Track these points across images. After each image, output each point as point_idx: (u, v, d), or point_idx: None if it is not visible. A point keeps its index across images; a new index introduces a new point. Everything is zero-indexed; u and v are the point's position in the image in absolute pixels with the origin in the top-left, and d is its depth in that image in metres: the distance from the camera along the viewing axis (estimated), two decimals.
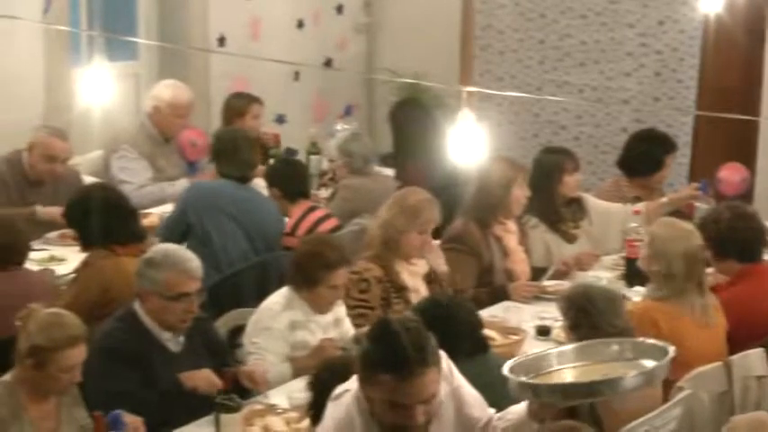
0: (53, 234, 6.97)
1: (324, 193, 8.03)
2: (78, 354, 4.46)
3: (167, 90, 8.10)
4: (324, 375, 4.38)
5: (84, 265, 5.94)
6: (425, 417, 3.69)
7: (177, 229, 6.79)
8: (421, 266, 6.09)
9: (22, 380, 4.49)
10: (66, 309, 4.83)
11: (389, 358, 3.66)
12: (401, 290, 5.93)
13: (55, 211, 6.86)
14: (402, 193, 6.20)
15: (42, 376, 4.44)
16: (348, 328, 5.72)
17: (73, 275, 6.05)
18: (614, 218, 7.15)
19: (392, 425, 3.69)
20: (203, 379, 4.97)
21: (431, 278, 6.12)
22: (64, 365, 4.44)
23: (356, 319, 5.81)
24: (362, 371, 3.72)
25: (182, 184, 7.59)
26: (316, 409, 4.25)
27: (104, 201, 6.01)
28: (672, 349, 3.95)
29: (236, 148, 7.03)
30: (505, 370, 3.91)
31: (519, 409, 3.98)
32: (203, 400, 4.89)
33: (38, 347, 4.42)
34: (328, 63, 10.41)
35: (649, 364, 3.92)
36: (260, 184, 7.28)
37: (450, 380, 3.98)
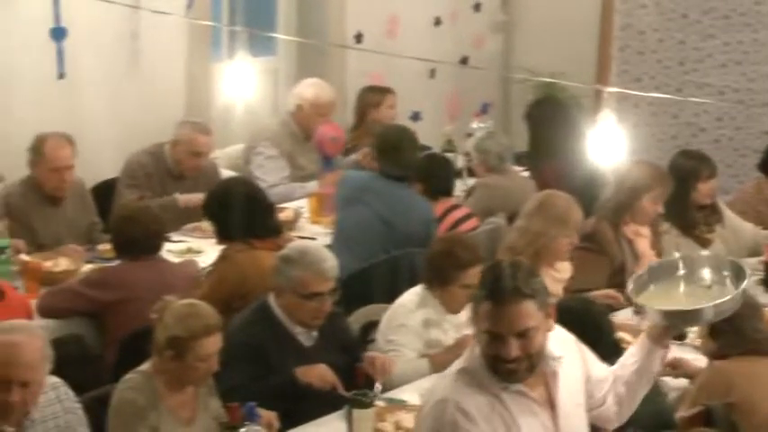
0: (189, 226, 7.09)
1: (459, 190, 8.04)
2: (214, 342, 4.54)
3: (310, 89, 8.18)
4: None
5: (222, 258, 6.04)
6: (522, 352, 3.73)
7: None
8: (564, 271, 6.05)
9: (160, 370, 4.59)
10: (202, 300, 4.95)
11: (488, 286, 3.76)
12: None
13: (195, 198, 6.99)
14: (544, 200, 6.12)
15: (181, 367, 4.52)
16: None
17: (210, 268, 6.15)
18: (745, 234, 7.05)
19: (493, 357, 3.75)
20: (317, 375, 5.02)
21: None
22: (201, 354, 4.51)
23: None
24: (472, 306, 3.81)
25: (312, 186, 7.64)
26: None
27: (244, 195, 6.10)
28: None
29: (399, 148, 6.98)
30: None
31: (636, 349, 4.07)
32: (334, 395, 4.93)
33: (176, 338, 4.51)
34: (464, 61, 10.38)
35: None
36: None
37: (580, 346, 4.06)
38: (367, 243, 6.77)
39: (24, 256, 6.28)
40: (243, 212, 5.99)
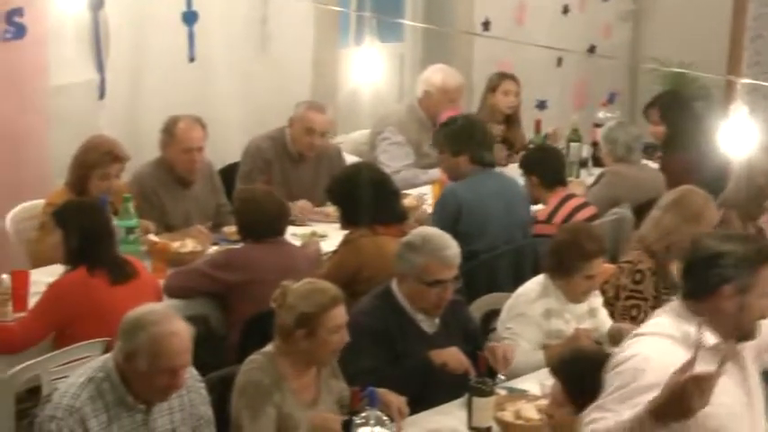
0: (300, 202, 7.10)
1: (585, 179, 7.97)
2: (341, 313, 4.59)
3: (438, 75, 8.17)
4: (570, 363, 4.30)
5: (345, 242, 6.07)
6: None
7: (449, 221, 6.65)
8: None
9: (285, 353, 4.61)
10: (324, 277, 5.01)
11: None
12: (671, 287, 5.84)
13: (307, 208, 7.03)
14: (681, 196, 5.99)
15: (314, 344, 4.55)
16: (603, 319, 5.66)
17: (331, 253, 6.18)
18: None
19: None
20: (452, 356, 5.00)
21: None
22: (332, 326, 4.55)
23: (628, 310, 5.80)
24: None
25: (435, 173, 7.61)
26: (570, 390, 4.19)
27: (370, 181, 6.12)
28: None
29: (484, 132, 6.96)
30: None
31: None
32: (457, 382, 4.92)
33: (305, 315, 4.54)
34: (592, 50, 10.29)
35: None
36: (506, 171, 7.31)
37: None
38: (483, 233, 6.73)
39: (153, 237, 6.38)
40: (368, 198, 6.01)
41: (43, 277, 5.74)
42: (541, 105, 9.94)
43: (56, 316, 5.38)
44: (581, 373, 4.12)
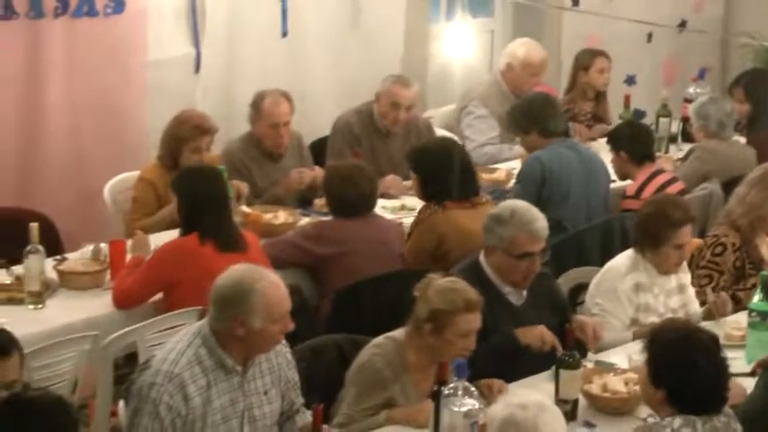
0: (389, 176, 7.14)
1: (674, 154, 7.90)
2: (475, 319, 4.57)
3: (521, 48, 8.13)
4: (661, 338, 4.25)
5: (417, 222, 6.14)
6: None
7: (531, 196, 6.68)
8: None
9: (414, 344, 4.61)
10: (407, 257, 4.98)
11: None
12: (757, 262, 5.80)
13: (395, 183, 7.07)
14: (765, 173, 5.99)
15: (440, 341, 4.55)
16: (691, 296, 5.62)
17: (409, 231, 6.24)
18: None
19: None
20: (537, 337, 4.99)
21: None
22: (461, 330, 4.54)
23: (701, 279, 5.79)
24: None
25: (519, 149, 7.58)
26: (651, 370, 4.15)
27: (447, 155, 6.14)
28: None
29: (554, 106, 7.00)
30: None
31: None
32: (544, 356, 4.93)
33: (438, 311, 4.54)
34: (683, 25, 10.15)
35: None
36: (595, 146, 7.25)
37: None
38: (570, 208, 6.72)
39: (246, 208, 6.44)
40: (444, 173, 6.05)
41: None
42: (630, 80, 9.85)
43: (162, 276, 5.47)
44: (669, 346, 4.08)
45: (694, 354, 3.99)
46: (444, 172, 6.07)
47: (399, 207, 6.81)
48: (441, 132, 7.76)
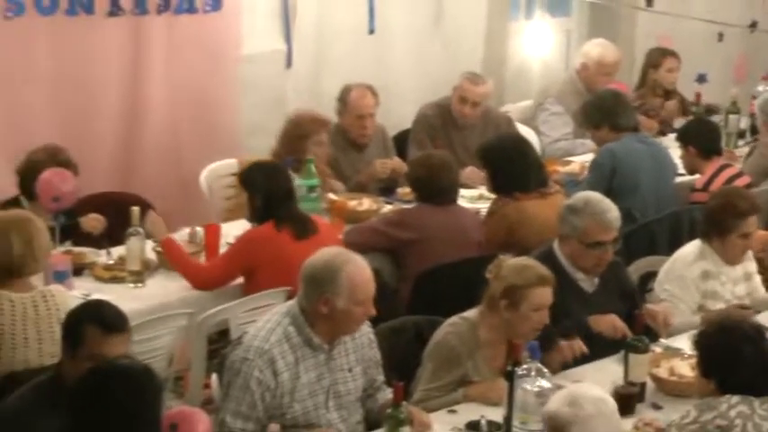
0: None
1: (742, 149, 7.82)
2: (547, 294, 4.58)
3: (596, 48, 8.11)
4: (706, 333, 4.22)
5: (490, 213, 6.15)
6: None
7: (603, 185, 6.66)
8: None
9: (488, 320, 4.63)
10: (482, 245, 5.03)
11: None
12: None
13: (474, 175, 7.02)
14: None
15: (515, 316, 4.56)
16: (757, 284, 5.58)
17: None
18: None
19: None
20: (608, 325, 4.98)
21: None
22: (535, 303, 4.55)
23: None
24: None
25: (591, 143, 7.54)
26: (701, 363, 4.13)
27: (514, 149, 6.19)
28: None
29: (602, 106, 6.94)
30: None
31: None
32: (614, 340, 4.91)
33: (512, 287, 4.55)
34: (753, 25, 10.00)
35: None
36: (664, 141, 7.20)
37: None
38: (639, 200, 6.68)
39: (332, 195, 6.48)
40: (511, 166, 6.09)
41: (233, 231, 5.89)
42: (701, 79, 9.71)
43: (242, 263, 5.53)
44: (718, 343, 4.06)
45: (739, 344, 3.98)
46: (511, 165, 6.10)
47: (478, 197, 6.80)
48: (520, 127, 7.74)
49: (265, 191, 5.56)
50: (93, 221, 5.88)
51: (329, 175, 6.70)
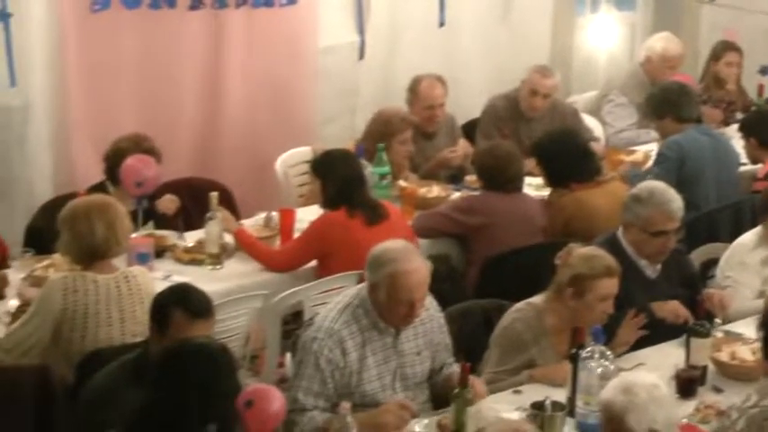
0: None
1: None
2: (613, 285, 4.54)
3: (660, 42, 8.02)
4: None
5: (548, 204, 6.11)
6: None
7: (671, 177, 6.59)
8: None
9: (554, 307, 4.59)
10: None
11: None
12: None
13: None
14: None
15: (580, 305, 4.52)
16: None
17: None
18: None
19: None
20: (671, 311, 4.93)
21: None
22: (600, 294, 4.51)
23: None
24: None
25: (654, 134, 7.44)
26: (764, 346, 4.05)
27: (563, 142, 6.19)
28: None
29: (667, 98, 6.82)
30: None
31: None
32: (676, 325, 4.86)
33: (579, 276, 4.52)
34: None
35: None
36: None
37: None
38: (702, 190, 6.60)
39: (402, 183, 6.47)
40: (568, 159, 6.07)
41: (307, 215, 5.90)
42: (764, 71, 9.56)
43: (315, 247, 5.54)
44: None
45: None
46: (563, 158, 6.09)
47: (543, 185, 6.75)
48: (585, 118, 7.68)
49: (338, 178, 5.56)
50: (168, 202, 5.92)
51: (406, 169, 6.69)
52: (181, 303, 4.02)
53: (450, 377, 4.40)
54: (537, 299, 4.65)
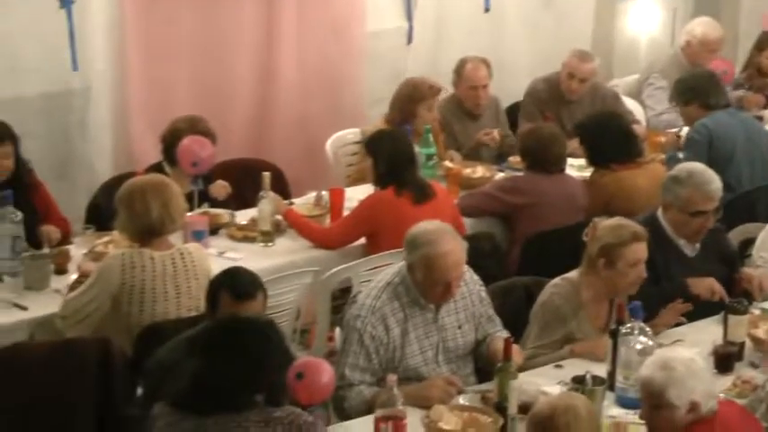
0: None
1: None
2: (641, 249, 4.52)
3: (700, 27, 7.93)
4: None
5: (590, 184, 6.07)
6: None
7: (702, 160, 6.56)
8: None
9: (588, 280, 4.57)
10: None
11: None
12: None
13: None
14: None
15: (613, 273, 4.50)
16: None
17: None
18: None
19: None
20: (706, 287, 4.89)
21: None
22: (631, 259, 4.49)
23: None
24: None
25: None
26: None
27: (606, 124, 6.16)
28: None
29: (694, 85, 6.74)
30: None
31: None
32: (714, 301, 4.82)
33: (607, 245, 4.50)
34: None
35: None
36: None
37: None
38: (738, 171, 6.52)
39: (448, 163, 6.44)
40: (610, 140, 6.04)
41: (356, 194, 5.90)
42: None
43: (364, 225, 5.53)
44: None
45: None
46: (605, 139, 6.06)
47: (584, 165, 6.70)
48: (626, 100, 7.61)
49: (388, 156, 5.54)
50: (220, 188, 5.93)
51: (441, 139, 6.67)
52: (227, 286, 4.13)
53: (492, 351, 4.38)
54: (572, 274, 4.64)
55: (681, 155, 6.50)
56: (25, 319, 4.74)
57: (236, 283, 4.13)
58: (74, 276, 4.87)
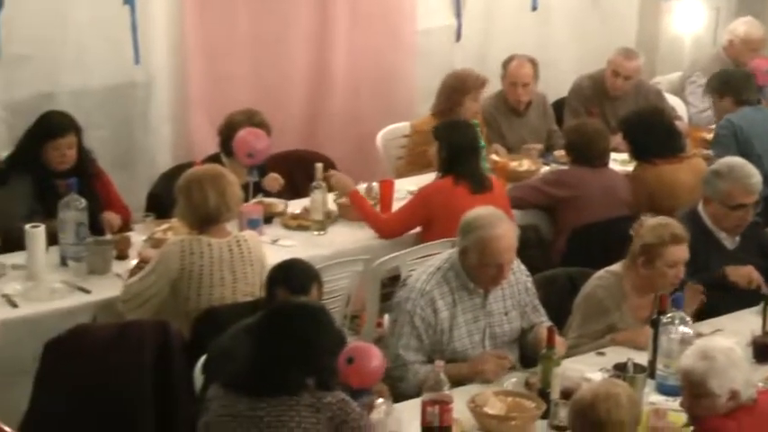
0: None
1: None
2: (680, 252, 4.49)
3: (742, 26, 7.86)
4: None
5: (632, 178, 6.03)
6: None
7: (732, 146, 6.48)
8: None
9: (630, 275, 4.55)
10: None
11: None
12: None
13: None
14: None
15: (652, 272, 4.49)
16: None
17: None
18: None
19: None
20: (744, 275, 4.89)
21: None
22: (669, 260, 4.46)
23: None
24: None
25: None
26: None
27: (650, 120, 6.10)
28: None
29: (729, 80, 6.73)
30: None
31: None
32: (754, 293, 4.78)
33: (648, 245, 4.48)
34: None
35: None
36: None
37: None
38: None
39: (495, 157, 6.43)
40: (653, 135, 5.98)
41: (405, 186, 5.89)
42: None
43: (421, 214, 5.51)
44: None
45: None
46: (648, 134, 6.00)
47: (628, 160, 6.66)
48: (668, 97, 7.55)
49: (453, 144, 5.52)
50: (273, 181, 5.95)
51: (484, 133, 6.65)
52: (283, 281, 4.16)
53: (538, 339, 4.37)
54: (616, 267, 4.62)
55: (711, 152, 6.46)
56: (88, 302, 4.79)
57: (291, 278, 4.16)
58: (134, 262, 4.91)
